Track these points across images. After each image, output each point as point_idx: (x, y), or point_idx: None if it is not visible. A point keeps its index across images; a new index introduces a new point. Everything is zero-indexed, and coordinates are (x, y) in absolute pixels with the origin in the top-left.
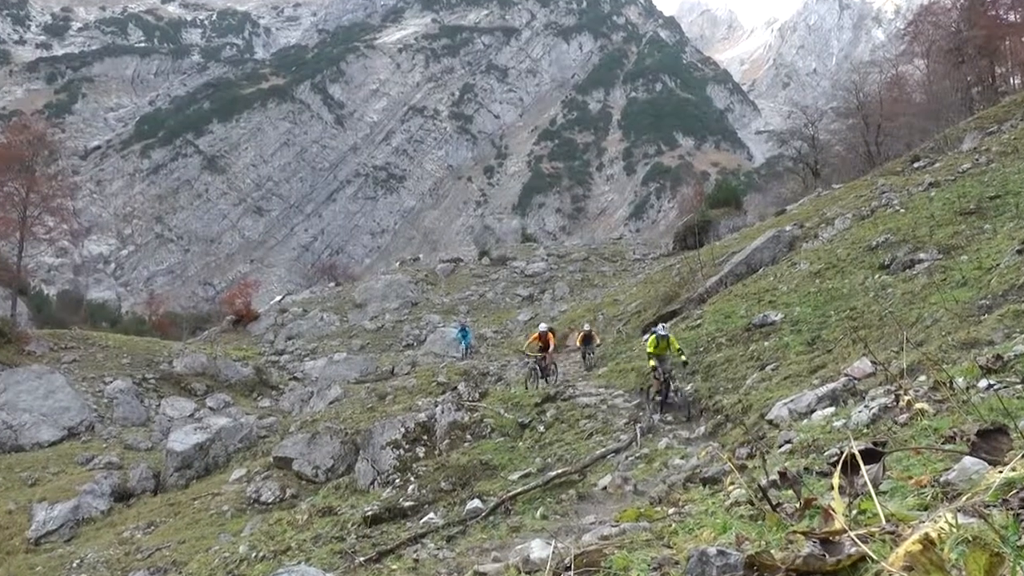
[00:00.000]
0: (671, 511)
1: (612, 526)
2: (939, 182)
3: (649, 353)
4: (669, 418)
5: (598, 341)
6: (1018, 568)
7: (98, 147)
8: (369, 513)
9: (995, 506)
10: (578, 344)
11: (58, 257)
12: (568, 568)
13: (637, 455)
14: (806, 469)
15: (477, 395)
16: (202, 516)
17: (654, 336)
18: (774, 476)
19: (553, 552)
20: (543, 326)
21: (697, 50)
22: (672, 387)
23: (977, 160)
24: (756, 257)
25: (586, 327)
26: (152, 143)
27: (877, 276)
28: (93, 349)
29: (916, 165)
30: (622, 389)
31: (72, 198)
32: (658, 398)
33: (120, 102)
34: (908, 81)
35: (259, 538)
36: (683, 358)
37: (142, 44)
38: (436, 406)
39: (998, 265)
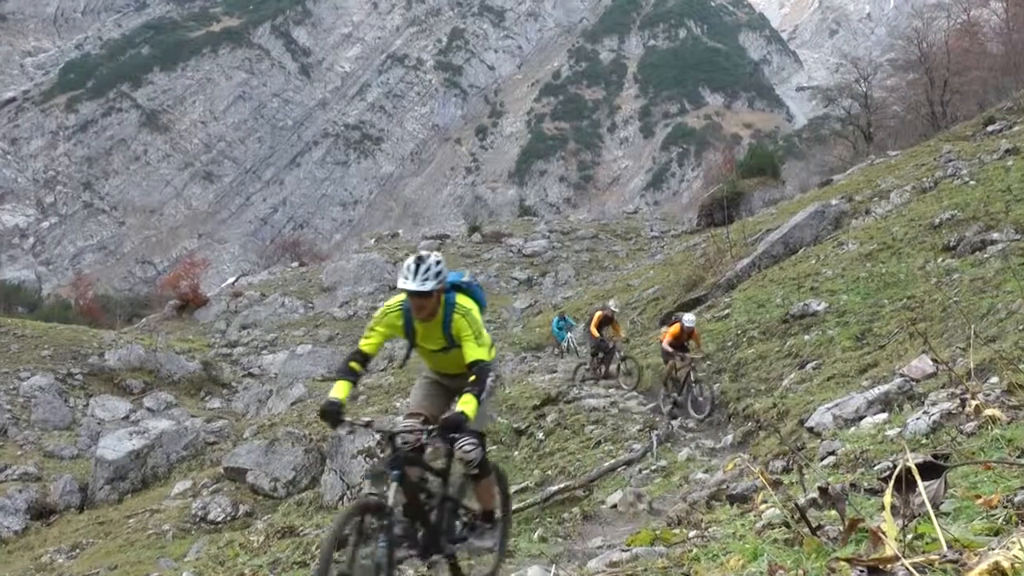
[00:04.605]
0: (692, 534)
1: (623, 551)
2: (1018, 149)
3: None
4: (691, 424)
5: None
6: None
7: (13, 99)
8: None
9: None
10: None
11: None
12: None
13: (653, 468)
14: (852, 485)
15: None
16: (138, 537)
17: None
18: (814, 493)
19: None
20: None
21: None
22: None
23: None
24: (796, 235)
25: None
26: (79, 95)
27: (940, 259)
28: (7, 339)
29: (990, 129)
30: (636, 389)
31: None
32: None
33: (40, 45)
34: (982, 28)
35: (206, 563)
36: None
37: None
38: None
39: None
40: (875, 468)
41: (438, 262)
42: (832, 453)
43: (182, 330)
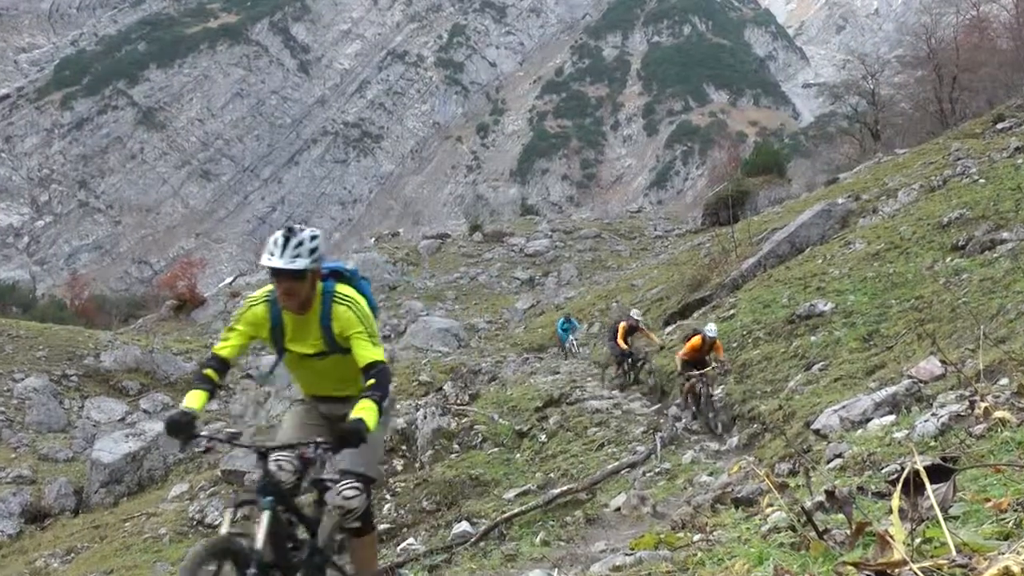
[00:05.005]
0: (697, 537)
1: (626, 555)
2: None
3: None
4: (695, 427)
5: None
6: None
7: (7, 96)
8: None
9: None
10: None
11: None
12: None
13: (657, 470)
14: (860, 488)
15: (467, 397)
16: (134, 541)
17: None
18: (821, 496)
19: None
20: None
21: None
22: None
23: None
24: (802, 235)
25: None
26: (75, 92)
27: (949, 259)
28: (1, 339)
29: (1000, 126)
30: (639, 392)
31: None
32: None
33: (34, 41)
34: (992, 24)
35: None
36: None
37: None
38: (417, 410)
39: None
40: (883, 471)
41: (313, 237)
42: (839, 456)
43: (179, 331)
